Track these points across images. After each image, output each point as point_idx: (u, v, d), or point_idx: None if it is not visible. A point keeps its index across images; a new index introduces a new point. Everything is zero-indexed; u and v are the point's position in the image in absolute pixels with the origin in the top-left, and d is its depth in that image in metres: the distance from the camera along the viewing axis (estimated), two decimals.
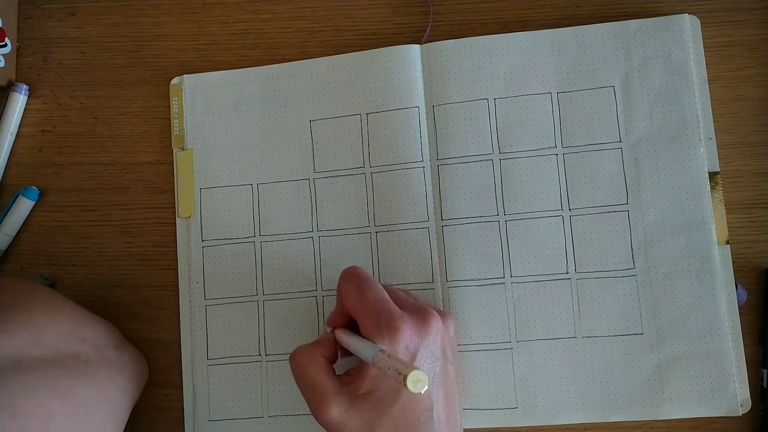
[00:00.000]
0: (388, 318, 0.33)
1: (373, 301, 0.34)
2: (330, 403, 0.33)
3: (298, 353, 0.36)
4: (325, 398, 0.33)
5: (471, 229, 0.42)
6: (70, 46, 0.47)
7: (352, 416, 0.33)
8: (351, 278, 0.36)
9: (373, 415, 0.33)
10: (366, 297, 0.35)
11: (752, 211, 0.41)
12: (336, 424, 0.33)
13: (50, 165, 0.46)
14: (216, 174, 0.44)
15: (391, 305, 0.34)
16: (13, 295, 0.37)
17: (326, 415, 0.33)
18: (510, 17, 0.44)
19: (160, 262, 0.44)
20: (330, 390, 0.33)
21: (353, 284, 0.36)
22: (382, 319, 0.33)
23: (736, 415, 0.39)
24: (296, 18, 0.46)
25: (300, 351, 0.36)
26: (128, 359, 0.40)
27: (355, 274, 0.36)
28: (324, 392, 0.33)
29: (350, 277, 0.36)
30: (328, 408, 0.33)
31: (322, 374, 0.34)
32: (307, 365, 0.35)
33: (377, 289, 0.35)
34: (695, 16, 0.42)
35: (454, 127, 0.42)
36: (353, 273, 0.36)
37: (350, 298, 0.35)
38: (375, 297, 0.35)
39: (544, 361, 0.40)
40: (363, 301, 0.35)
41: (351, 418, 0.33)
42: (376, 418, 0.33)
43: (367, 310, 0.34)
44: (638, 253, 0.40)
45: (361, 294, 0.35)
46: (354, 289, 0.35)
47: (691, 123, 0.41)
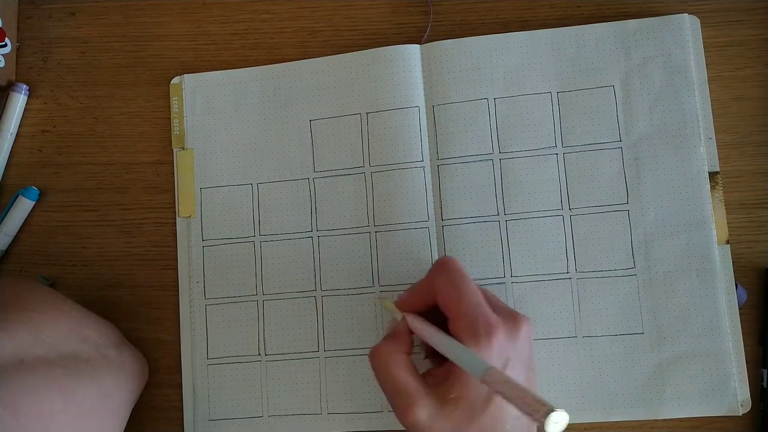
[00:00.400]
0: (486, 323, 0.32)
1: (472, 302, 0.33)
2: (418, 406, 0.32)
3: (380, 352, 0.34)
4: (413, 400, 0.32)
5: (471, 229, 0.42)
6: (70, 46, 0.47)
7: (440, 421, 0.32)
8: (450, 271, 0.34)
9: (462, 421, 0.31)
10: (465, 296, 0.33)
11: (752, 211, 0.41)
12: (422, 427, 0.32)
13: (50, 165, 0.46)
14: (216, 174, 0.44)
15: (488, 309, 0.33)
16: (13, 294, 0.37)
17: (413, 418, 0.32)
18: (510, 17, 0.44)
19: (160, 262, 0.44)
20: (418, 392, 0.32)
21: (453, 279, 0.34)
22: (480, 323, 0.32)
23: (736, 414, 0.39)
24: (296, 18, 0.46)
25: (382, 350, 0.34)
26: (128, 359, 0.40)
27: (455, 268, 0.35)
28: (411, 394, 0.32)
29: (449, 270, 0.34)
30: (416, 410, 0.32)
31: (407, 374, 0.33)
32: (392, 365, 0.33)
33: (475, 289, 0.34)
34: (695, 16, 0.42)
35: (454, 126, 0.42)
36: (453, 267, 0.35)
37: (448, 292, 0.34)
38: (474, 298, 0.33)
39: (545, 360, 0.40)
40: (461, 300, 0.33)
41: (438, 422, 0.32)
42: (465, 425, 0.31)
43: (464, 309, 0.33)
44: (638, 252, 0.40)
45: (459, 291, 0.33)
46: (453, 284, 0.34)
47: (691, 123, 0.41)
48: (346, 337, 0.42)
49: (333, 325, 0.42)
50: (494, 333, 0.32)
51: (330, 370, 0.42)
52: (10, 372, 0.32)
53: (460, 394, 0.32)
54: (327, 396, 0.41)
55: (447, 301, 0.34)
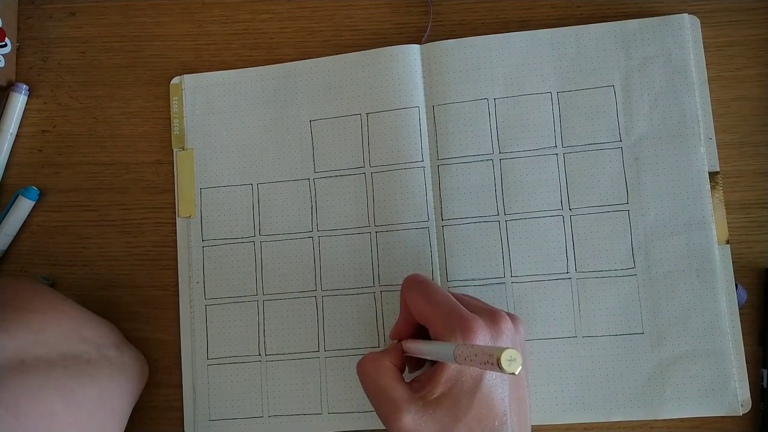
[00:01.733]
0: (459, 319, 0.32)
1: (443, 303, 0.34)
2: (403, 411, 0.32)
3: (366, 361, 0.35)
4: (397, 406, 0.32)
5: (471, 229, 0.42)
6: (70, 46, 0.47)
7: (426, 423, 0.32)
8: (415, 285, 0.35)
9: (448, 421, 0.32)
10: (434, 300, 0.34)
11: (752, 211, 0.41)
12: (409, 430, 0.32)
13: (50, 165, 0.46)
14: (216, 174, 0.44)
15: (460, 307, 0.33)
16: (14, 295, 0.37)
17: (399, 423, 0.32)
18: (510, 17, 0.44)
19: (160, 262, 0.44)
20: (402, 397, 0.32)
21: (418, 290, 0.35)
22: (454, 320, 0.32)
23: (736, 414, 0.39)
24: (296, 18, 0.46)
25: (368, 359, 0.35)
26: (128, 359, 0.40)
27: (418, 281, 0.36)
28: (396, 400, 0.32)
29: (414, 284, 0.35)
30: (402, 416, 0.32)
31: (392, 381, 0.33)
32: (377, 373, 0.34)
33: (444, 292, 0.34)
34: (695, 16, 0.42)
35: (454, 127, 0.42)
36: (416, 280, 0.36)
37: (418, 303, 0.35)
38: (444, 299, 0.34)
39: (545, 360, 0.40)
40: (432, 305, 0.34)
41: (425, 424, 0.32)
42: (451, 423, 0.32)
43: (437, 312, 0.33)
44: (638, 252, 0.40)
45: (428, 298, 0.34)
46: (420, 295, 0.35)
47: (691, 123, 0.41)
48: (346, 337, 0.42)
49: (333, 325, 0.42)
50: (471, 328, 0.32)
51: (330, 370, 0.42)
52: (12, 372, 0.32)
53: (443, 392, 0.32)
54: (327, 396, 0.41)
55: (421, 312, 0.34)
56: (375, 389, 0.34)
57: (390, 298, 0.42)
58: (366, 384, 0.34)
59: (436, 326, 0.33)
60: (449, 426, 0.32)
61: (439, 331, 0.33)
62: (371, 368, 0.34)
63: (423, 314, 0.34)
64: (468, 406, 0.32)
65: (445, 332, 0.32)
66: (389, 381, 0.33)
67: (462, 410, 0.32)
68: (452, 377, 0.32)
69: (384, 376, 0.34)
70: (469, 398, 0.32)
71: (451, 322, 0.32)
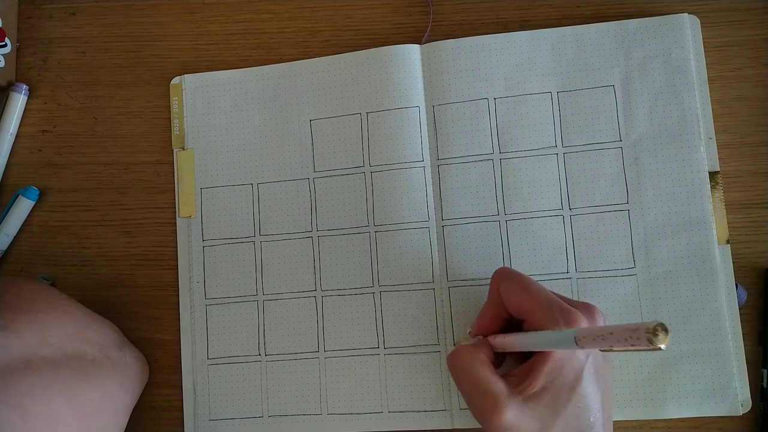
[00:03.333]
0: (562, 310, 0.32)
1: (543, 295, 0.33)
2: (504, 405, 0.31)
3: (460, 353, 0.34)
4: (498, 400, 0.31)
5: (471, 229, 0.42)
6: (70, 46, 0.47)
7: (527, 418, 0.31)
8: (509, 277, 0.35)
9: (548, 415, 0.31)
10: (533, 292, 0.33)
11: (752, 211, 0.41)
12: (509, 427, 0.31)
13: (50, 165, 0.46)
14: (216, 174, 0.44)
15: (559, 299, 0.33)
16: (19, 295, 0.36)
17: (501, 418, 0.31)
18: (510, 17, 0.44)
19: (160, 262, 0.44)
20: (502, 391, 0.32)
21: (514, 282, 0.34)
22: (556, 312, 0.32)
23: (736, 414, 0.39)
24: (296, 18, 0.46)
25: (462, 350, 0.34)
26: (130, 359, 0.40)
27: (511, 273, 0.35)
28: (496, 394, 0.31)
29: (509, 276, 0.35)
30: (503, 410, 0.31)
31: (490, 375, 0.32)
32: (474, 365, 0.33)
33: (542, 286, 0.34)
34: (695, 16, 0.42)
35: (454, 126, 0.42)
36: (509, 272, 0.35)
37: (516, 295, 0.34)
38: (542, 291, 0.33)
39: None
40: (531, 296, 0.33)
41: (525, 419, 0.31)
42: (551, 418, 0.31)
43: (537, 304, 0.33)
44: (639, 252, 0.40)
45: (526, 290, 0.33)
46: (517, 286, 0.34)
47: (691, 122, 0.41)
48: (346, 337, 0.42)
49: (333, 325, 0.42)
50: (575, 320, 0.31)
51: (330, 370, 0.42)
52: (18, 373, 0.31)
53: (544, 387, 0.31)
54: (327, 396, 0.41)
55: (520, 304, 0.34)
56: (472, 382, 0.33)
57: (390, 298, 0.42)
58: (461, 377, 0.34)
59: (536, 318, 0.33)
60: (549, 421, 0.31)
61: (541, 323, 0.32)
62: (469, 361, 0.33)
63: (521, 306, 0.34)
64: (567, 401, 0.31)
65: (546, 323, 0.32)
66: (488, 374, 0.33)
67: (562, 405, 0.31)
68: (554, 371, 0.31)
69: (482, 370, 0.33)
70: (569, 393, 0.31)
71: (554, 313, 0.32)
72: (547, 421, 0.31)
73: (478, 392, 0.32)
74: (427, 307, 0.41)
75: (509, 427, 0.31)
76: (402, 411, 0.41)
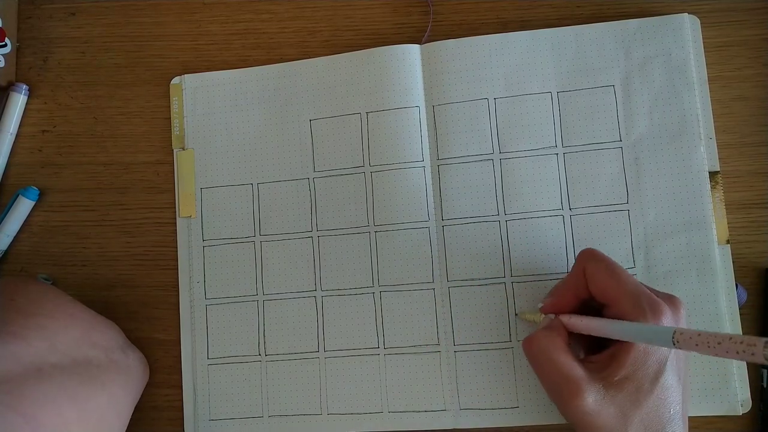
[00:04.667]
0: (649, 300, 0.31)
1: (631, 283, 0.32)
2: (584, 391, 0.31)
3: (538, 338, 0.34)
4: (578, 386, 0.31)
5: (471, 229, 0.42)
6: (70, 46, 0.47)
7: (607, 405, 0.31)
8: (598, 259, 0.34)
9: (628, 405, 0.31)
10: (621, 278, 0.33)
11: (752, 211, 0.41)
12: (589, 412, 0.31)
13: (50, 165, 0.46)
14: (216, 174, 0.44)
15: (646, 288, 0.32)
16: (27, 297, 0.36)
17: (580, 403, 0.31)
18: (510, 17, 0.44)
19: (160, 262, 0.44)
20: (582, 377, 0.31)
21: (603, 265, 0.33)
22: (644, 302, 0.31)
23: (736, 414, 0.39)
24: (296, 18, 0.46)
25: (540, 336, 0.34)
26: (133, 361, 0.40)
27: (600, 256, 0.34)
28: (576, 379, 0.31)
29: (596, 259, 0.34)
30: (584, 395, 0.31)
31: (570, 360, 0.32)
32: (553, 351, 0.33)
33: (629, 273, 0.33)
34: (695, 16, 0.42)
35: (454, 126, 0.42)
36: (598, 255, 0.34)
37: (603, 279, 0.33)
38: (631, 279, 0.33)
39: None
40: (618, 283, 0.32)
41: (605, 406, 0.31)
42: (632, 408, 0.31)
43: (624, 292, 0.32)
44: (639, 252, 0.40)
45: (614, 275, 0.33)
46: (605, 270, 0.33)
47: (691, 122, 0.41)
48: (346, 337, 0.42)
49: (333, 325, 0.42)
50: (662, 311, 0.31)
51: (330, 370, 0.42)
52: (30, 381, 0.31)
53: (626, 376, 0.31)
54: (327, 396, 0.41)
55: (604, 286, 0.33)
56: (552, 368, 0.33)
57: (390, 298, 0.42)
58: (540, 362, 0.33)
59: (621, 305, 0.32)
60: (629, 410, 0.31)
61: (626, 311, 0.32)
62: (549, 346, 0.33)
63: (607, 291, 0.33)
64: (649, 392, 0.31)
65: (633, 312, 0.31)
66: (567, 359, 0.32)
67: (643, 395, 0.31)
68: (637, 361, 0.31)
69: (562, 355, 0.33)
70: (651, 384, 0.31)
71: (641, 303, 0.31)
72: (627, 410, 0.31)
73: (559, 377, 0.32)
74: (427, 307, 0.41)
75: (589, 412, 0.31)
76: (402, 411, 0.41)
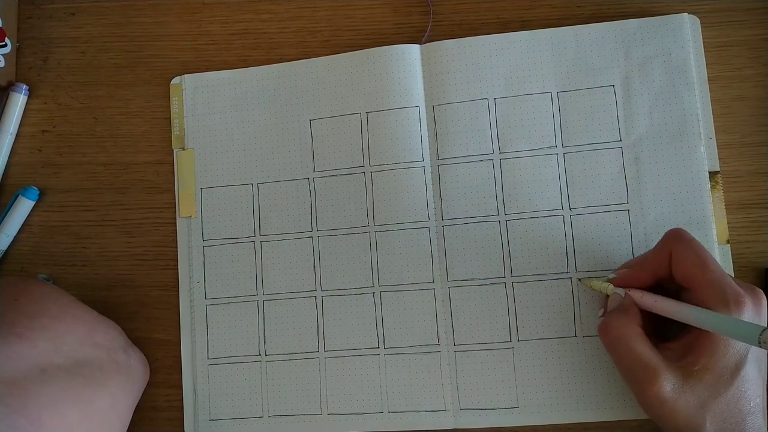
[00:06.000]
0: (734, 293, 0.31)
1: (717, 270, 0.32)
2: (662, 378, 0.31)
3: (614, 325, 0.34)
4: (656, 373, 0.31)
5: (471, 229, 0.42)
6: (70, 46, 0.47)
7: (685, 394, 0.31)
8: (687, 242, 0.33)
9: (707, 395, 0.31)
10: (708, 264, 0.32)
11: (752, 211, 0.41)
12: (666, 399, 0.31)
13: (50, 165, 0.46)
14: (216, 174, 0.44)
15: (731, 278, 0.32)
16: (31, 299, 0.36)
17: (658, 391, 0.31)
18: (510, 17, 0.44)
19: (160, 262, 0.44)
20: (660, 364, 0.32)
21: (692, 249, 0.33)
22: (729, 292, 0.31)
23: None
24: (296, 18, 0.46)
25: (617, 323, 0.34)
26: (134, 362, 0.40)
27: (689, 238, 0.34)
28: (654, 367, 0.32)
29: (689, 240, 0.33)
30: (661, 382, 0.31)
31: (647, 348, 0.32)
32: (631, 338, 0.33)
33: (715, 259, 0.33)
34: (695, 16, 0.42)
35: (454, 126, 0.42)
36: (687, 237, 0.34)
37: (689, 261, 0.33)
38: (718, 267, 0.32)
39: (545, 360, 0.40)
40: (704, 268, 0.32)
41: (683, 395, 0.31)
42: (710, 398, 0.31)
43: (710, 279, 0.32)
44: (639, 252, 0.40)
45: (701, 259, 0.32)
46: (694, 254, 0.33)
47: (691, 122, 0.41)
48: (346, 337, 0.42)
49: (333, 325, 0.42)
50: (743, 303, 0.31)
51: (330, 370, 0.42)
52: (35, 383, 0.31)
53: (706, 366, 0.31)
54: (327, 396, 0.41)
55: (689, 270, 0.33)
56: (630, 356, 0.33)
57: (390, 298, 0.42)
58: (617, 350, 0.33)
59: (704, 292, 0.32)
60: (707, 401, 0.31)
61: (708, 299, 0.32)
62: (627, 334, 0.33)
63: (690, 275, 0.33)
64: (729, 384, 0.31)
65: (716, 302, 0.31)
66: (645, 347, 0.32)
67: (723, 386, 0.31)
68: (718, 352, 0.31)
69: (639, 342, 0.33)
70: (731, 375, 0.31)
71: (726, 294, 0.31)
72: (705, 401, 0.31)
73: (637, 365, 0.32)
74: (427, 307, 0.41)
75: (666, 399, 0.31)
76: (402, 411, 0.41)
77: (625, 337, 0.33)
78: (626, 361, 0.33)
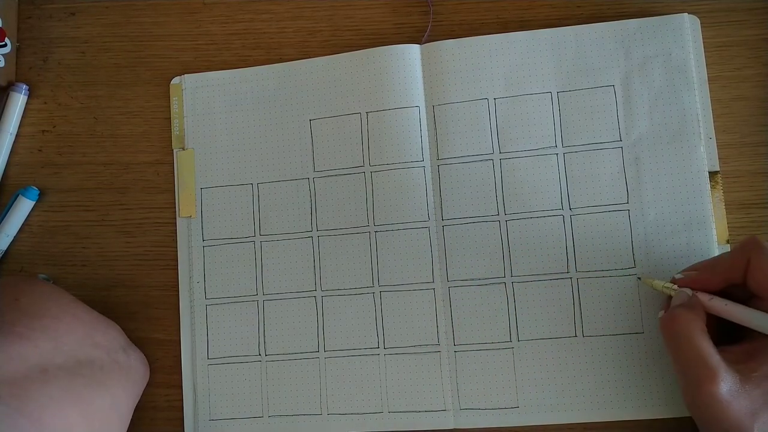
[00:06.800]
0: None
1: None
2: (720, 378, 0.31)
3: (680, 319, 0.33)
4: (714, 372, 0.31)
5: (471, 229, 0.42)
6: (70, 46, 0.47)
7: (740, 397, 0.31)
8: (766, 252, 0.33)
9: (761, 404, 0.31)
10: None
11: (752, 211, 0.41)
12: (720, 400, 0.31)
13: (50, 165, 0.46)
14: (216, 174, 0.44)
15: None
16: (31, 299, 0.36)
17: (714, 390, 0.31)
18: (510, 17, 0.44)
19: (160, 262, 0.44)
20: (720, 365, 0.31)
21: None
22: None
23: None
24: (296, 18, 0.46)
25: (682, 316, 0.33)
26: (135, 362, 0.40)
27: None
28: (713, 366, 0.31)
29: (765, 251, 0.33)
30: (718, 382, 0.31)
31: (708, 345, 0.32)
32: (694, 333, 0.32)
33: None
34: (695, 16, 0.42)
35: (454, 126, 0.42)
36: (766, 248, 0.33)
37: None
38: None
39: (545, 360, 0.40)
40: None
41: (737, 398, 0.31)
42: (763, 407, 0.31)
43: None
44: (639, 252, 0.40)
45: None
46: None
47: (691, 122, 0.41)
48: (346, 337, 0.42)
49: (333, 325, 0.42)
50: None
51: (330, 370, 0.42)
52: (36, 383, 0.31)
53: (766, 374, 0.31)
54: (327, 396, 0.41)
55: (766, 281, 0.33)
56: (690, 350, 0.32)
57: (390, 298, 0.42)
58: (678, 342, 0.33)
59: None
60: (759, 410, 0.31)
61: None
62: (690, 326, 0.33)
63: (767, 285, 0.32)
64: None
65: None
66: (706, 344, 0.32)
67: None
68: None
69: (702, 338, 0.32)
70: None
71: None
72: (757, 409, 0.31)
73: (696, 361, 0.32)
74: (427, 307, 0.41)
75: (721, 400, 0.31)
76: (402, 411, 0.41)
77: (689, 331, 0.33)
78: (686, 357, 0.33)
